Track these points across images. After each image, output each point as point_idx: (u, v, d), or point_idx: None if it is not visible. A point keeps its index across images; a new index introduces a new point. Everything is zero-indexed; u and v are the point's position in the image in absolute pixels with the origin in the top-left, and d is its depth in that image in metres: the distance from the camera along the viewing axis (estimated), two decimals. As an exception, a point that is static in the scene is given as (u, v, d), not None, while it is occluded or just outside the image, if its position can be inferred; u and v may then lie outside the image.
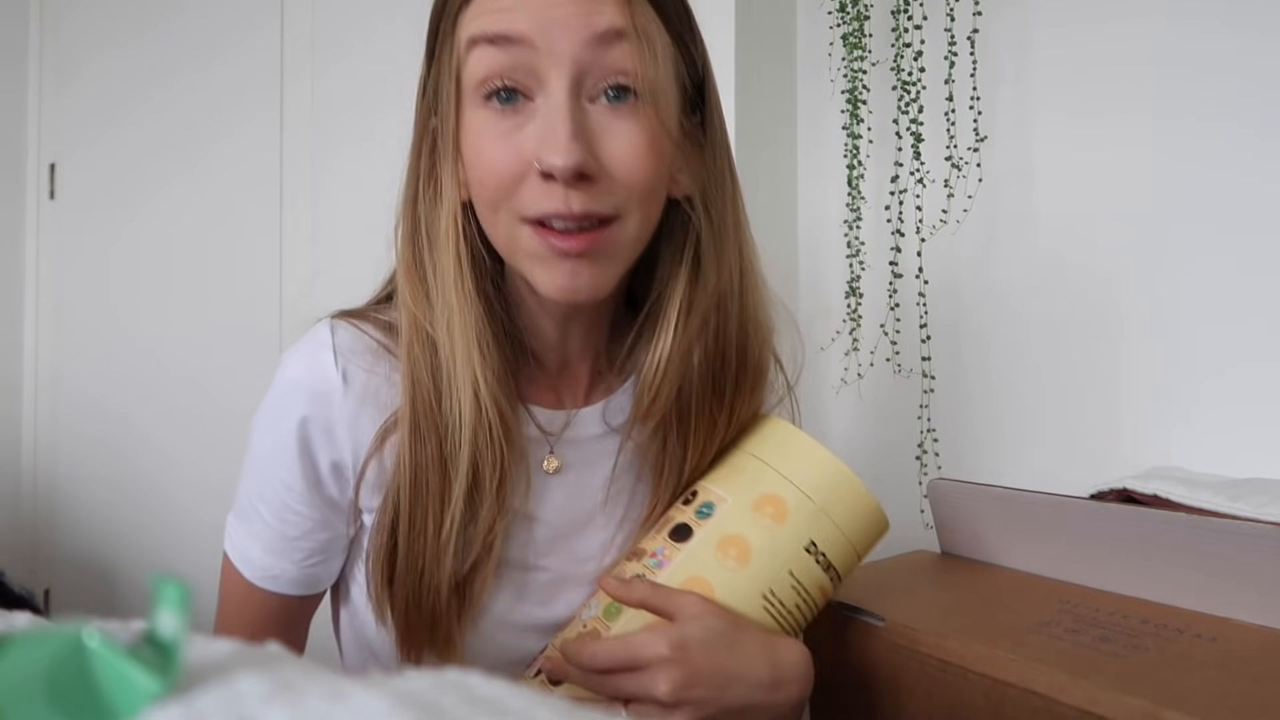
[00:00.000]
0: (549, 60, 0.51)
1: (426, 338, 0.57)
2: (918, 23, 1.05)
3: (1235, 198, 0.91)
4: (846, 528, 0.58)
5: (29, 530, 1.77)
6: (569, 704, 0.23)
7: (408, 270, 0.58)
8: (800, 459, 0.58)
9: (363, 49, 1.39)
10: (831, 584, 0.58)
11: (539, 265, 0.54)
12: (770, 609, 0.56)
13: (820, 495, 0.57)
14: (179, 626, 0.22)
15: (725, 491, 0.59)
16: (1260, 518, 0.65)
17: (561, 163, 0.50)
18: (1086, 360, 1.02)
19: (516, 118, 0.53)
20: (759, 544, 0.56)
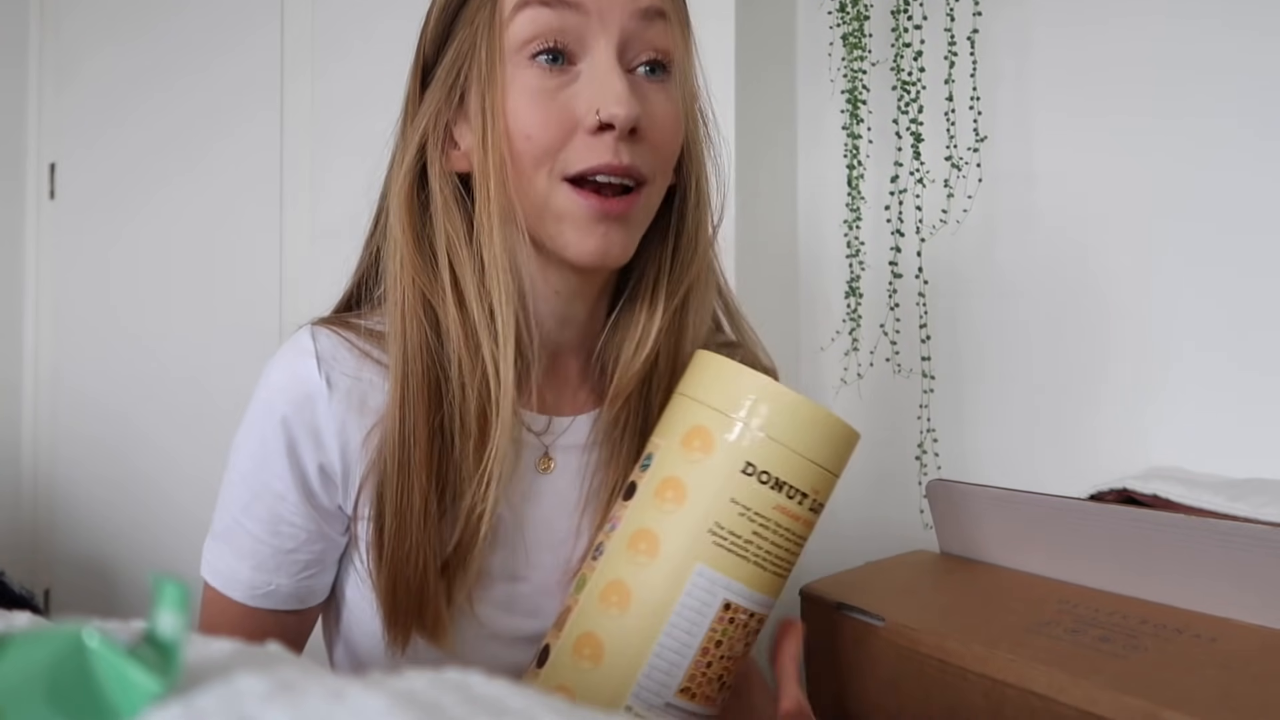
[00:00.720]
0: (599, 26, 0.54)
1: (430, 310, 0.57)
2: (918, 23, 1.05)
3: (1235, 198, 0.91)
4: (789, 441, 0.53)
5: (29, 530, 1.77)
6: (569, 704, 0.23)
7: (411, 247, 0.57)
8: (722, 384, 0.54)
9: (363, 49, 1.39)
10: (797, 504, 0.54)
11: (572, 227, 0.55)
12: (721, 542, 0.52)
13: (746, 414, 0.53)
14: (179, 626, 0.22)
15: (660, 438, 0.56)
16: (1260, 518, 0.65)
17: (625, 112, 0.53)
18: (1086, 360, 1.02)
19: (563, 77, 0.55)
20: (693, 480, 0.53)
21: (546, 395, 0.63)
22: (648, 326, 0.61)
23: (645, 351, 0.61)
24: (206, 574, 0.61)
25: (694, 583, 0.52)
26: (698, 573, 0.52)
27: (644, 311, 0.61)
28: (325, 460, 0.58)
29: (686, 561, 0.52)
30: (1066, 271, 1.03)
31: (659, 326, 0.61)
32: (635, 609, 0.53)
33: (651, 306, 0.61)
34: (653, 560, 0.53)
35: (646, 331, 0.61)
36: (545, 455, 0.63)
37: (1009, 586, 0.68)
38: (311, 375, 0.58)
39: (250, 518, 0.59)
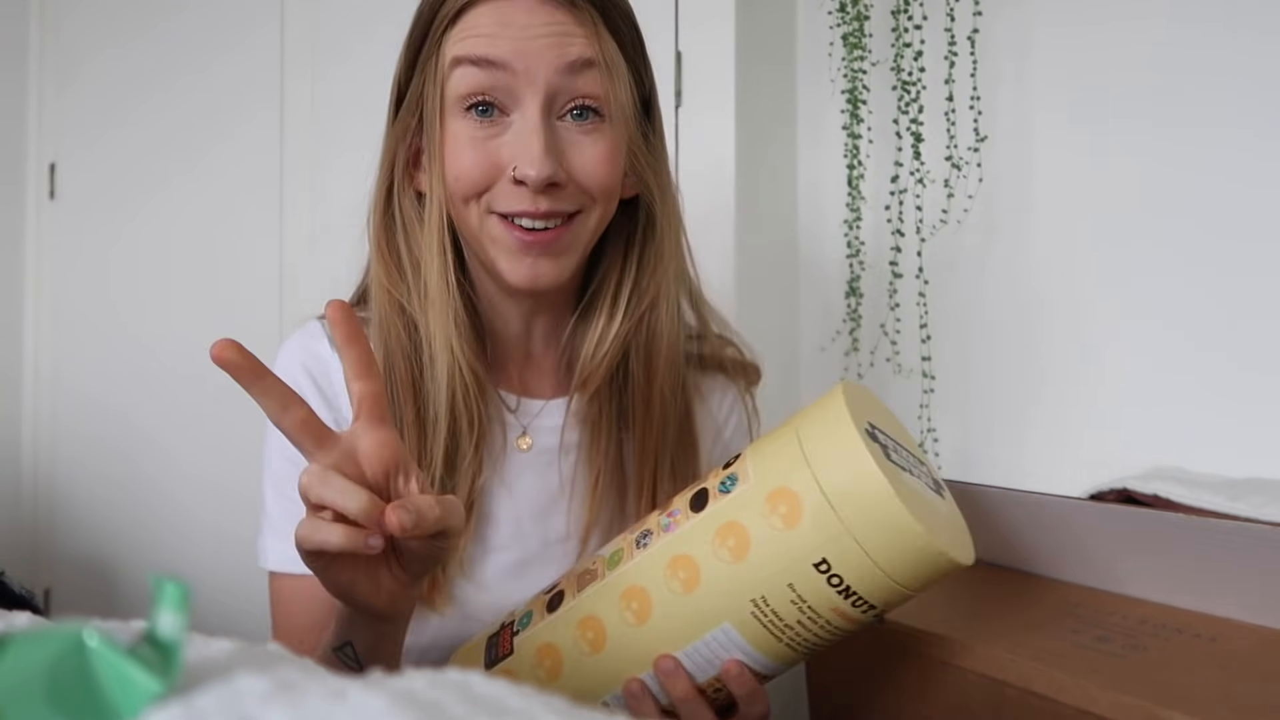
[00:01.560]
0: (525, 83, 0.59)
1: (402, 313, 0.64)
2: (918, 23, 1.05)
3: (1235, 200, 0.91)
4: (879, 557, 0.47)
5: (29, 530, 1.77)
6: (568, 703, 0.23)
7: (382, 255, 0.65)
8: (838, 457, 0.48)
9: (363, 50, 1.39)
10: (859, 611, 0.49)
11: (504, 255, 0.61)
12: (759, 616, 0.50)
13: (848, 510, 0.47)
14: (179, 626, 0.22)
15: (754, 468, 0.52)
16: (1260, 518, 0.65)
17: (535, 174, 0.58)
18: (1087, 360, 1.02)
19: (493, 128, 0.60)
20: (759, 543, 0.49)
21: (522, 380, 0.70)
22: (606, 330, 0.66)
23: (604, 351, 0.66)
24: (274, 565, 0.64)
25: (715, 636, 0.50)
26: (723, 630, 0.50)
27: (603, 316, 0.67)
28: (339, 419, 0.64)
29: (717, 615, 0.50)
30: (1066, 271, 1.03)
31: (618, 330, 0.66)
32: (649, 628, 0.51)
33: (611, 312, 0.67)
34: (685, 595, 0.50)
35: (605, 334, 0.66)
36: (524, 434, 0.68)
37: (1009, 586, 0.68)
38: (324, 350, 0.66)
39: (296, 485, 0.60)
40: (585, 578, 0.55)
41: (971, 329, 1.10)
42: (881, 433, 0.51)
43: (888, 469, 0.47)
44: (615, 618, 0.52)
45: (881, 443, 0.50)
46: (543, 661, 0.54)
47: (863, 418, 0.50)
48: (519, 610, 0.59)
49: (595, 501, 0.68)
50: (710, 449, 0.74)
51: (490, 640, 0.58)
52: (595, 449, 0.68)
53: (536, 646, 0.54)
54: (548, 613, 0.55)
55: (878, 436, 0.50)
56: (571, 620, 0.54)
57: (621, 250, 0.68)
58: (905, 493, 0.47)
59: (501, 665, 0.55)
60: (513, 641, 0.56)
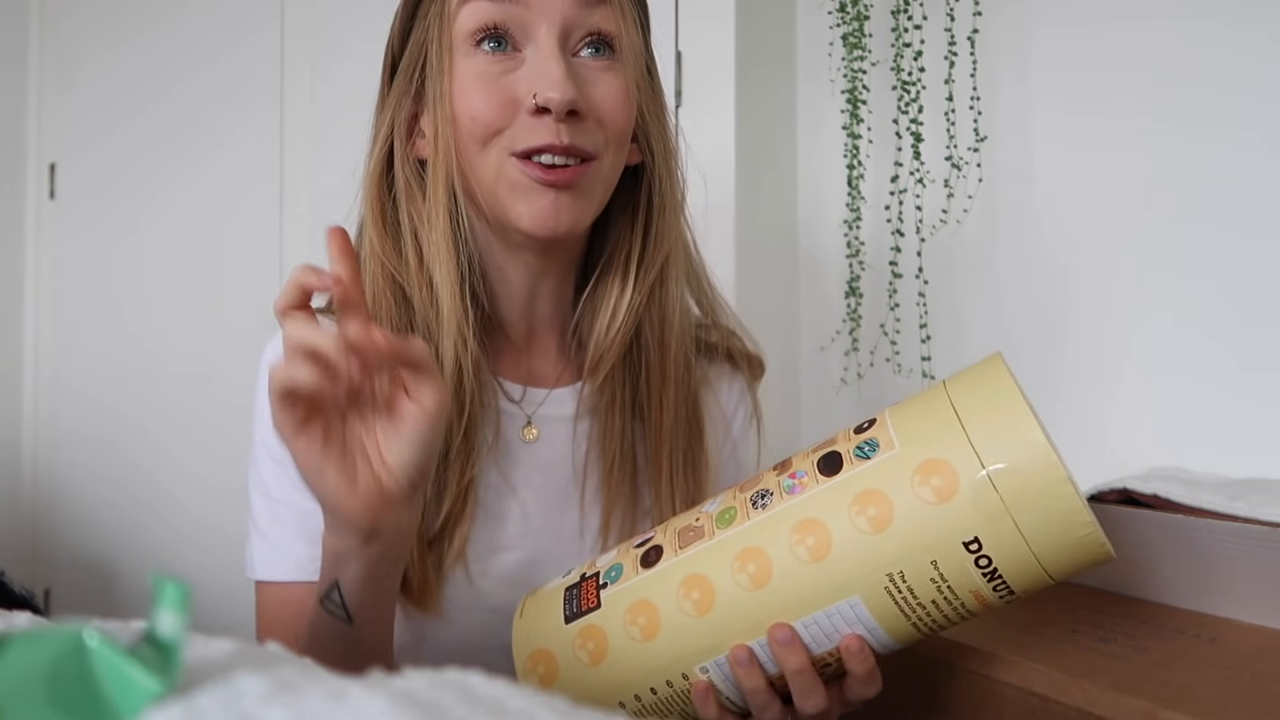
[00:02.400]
0: (538, 16, 0.57)
1: (393, 284, 0.61)
2: (918, 23, 1.05)
3: (1236, 200, 0.91)
4: (1036, 542, 0.44)
5: (29, 530, 1.77)
6: (568, 703, 0.23)
7: (378, 225, 0.62)
8: (1004, 431, 0.44)
9: (363, 49, 1.39)
10: (997, 596, 0.46)
11: (522, 197, 0.58)
12: (893, 592, 0.46)
13: (1011, 490, 0.43)
14: (179, 626, 0.22)
15: (900, 434, 0.47)
16: (1260, 518, 0.65)
17: (559, 96, 0.55)
18: (1086, 361, 1.02)
19: (507, 63, 0.58)
20: (905, 515, 0.45)
21: (525, 367, 0.67)
22: (619, 300, 0.64)
23: (619, 324, 0.63)
24: (259, 574, 0.61)
25: (839, 609, 0.47)
26: (850, 603, 0.47)
27: (615, 286, 0.64)
28: None
29: (846, 588, 0.46)
30: (1066, 271, 1.03)
31: (630, 302, 0.63)
32: (766, 594, 0.48)
33: (624, 281, 0.64)
34: (811, 564, 0.47)
35: (619, 305, 0.63)
36: (528, 424, 0.65)
37: (1009, 586, 0.68)
38: None
39: (296, 490, 0.60)
40: (688, 534, 0.51)
41: (971, 329, 1.10)
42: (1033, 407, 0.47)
43: (1055, 449, 0.44)
44: (727, 580, 0.48)
45: (1038, 417, 0.46)
46: (636, 619, 0.50)
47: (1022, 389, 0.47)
48: (601, 561, 0.54)
49: (610, 494, 0.64)
50: (719, 440, 0.71)
51: (570, 592, 0.53)
52: (609, 437, 0.65)
53: (630, 603, 0.50)
54: (643, 567, 0.51)
55: (1035, 411, 0.46)
56: (673, 578, 0.49)
57: (628, 221, 0.65)
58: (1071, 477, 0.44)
59: (586, 619, 0.51)
60: (599, 595, 0.52)
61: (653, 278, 0.64)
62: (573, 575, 0.55)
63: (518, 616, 0.55)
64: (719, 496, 0.53)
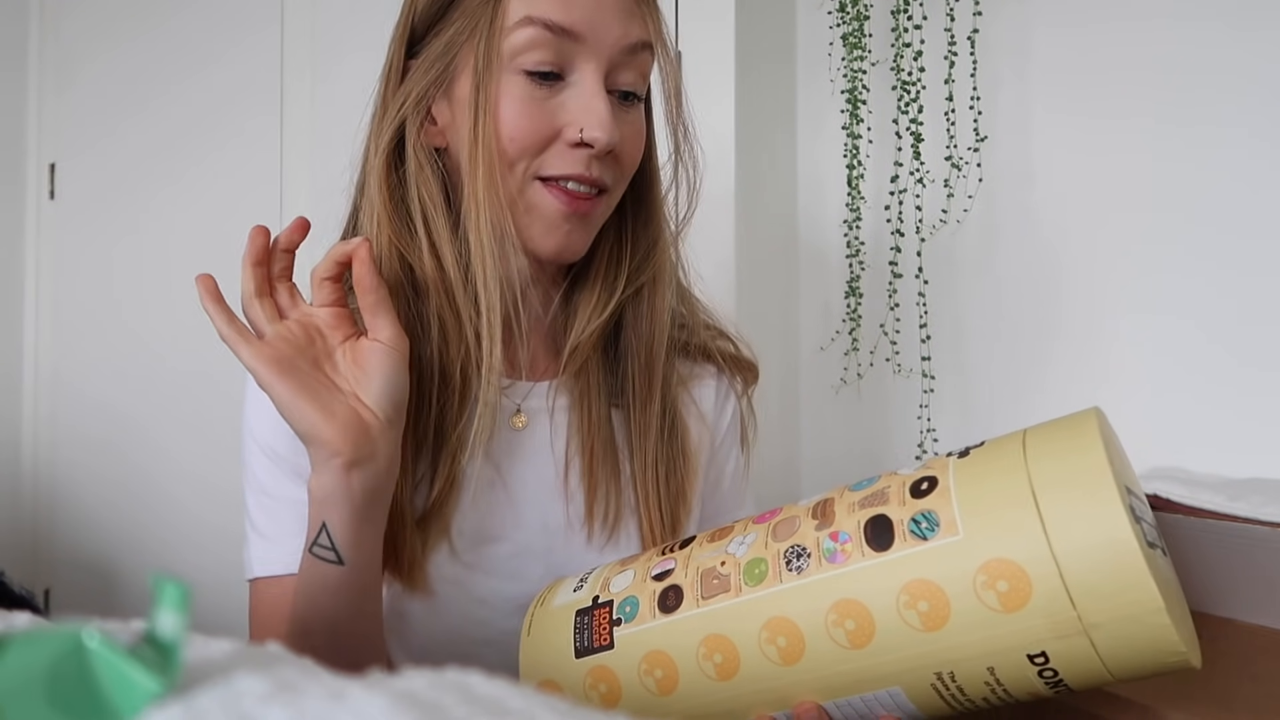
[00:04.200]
0: (590, 52, 0.59)
1: (409, 273, 0.61)
2: (918, 23, 1.05)
3: (1236, 200, 0.91)
4: (1112, 660, 0.38)
5: (29, 530, 1.77)
6: (569, 704, 0.23)
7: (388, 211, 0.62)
8: (1089, 532, 0.37)
9: (363, 50, 1.39)
10: (1053, 693, 0.42)
11: (541, 222, 0.60)
12: (940, 689, 0.42)
13: (1093, 609, 0.37)
14: (179, 626, 0.22)
15: (965, 514, 0.41)
16: (1260, 518, 0.65)
17: (605, 138, 0.58)
18: (1086, 360, 1.02)
19: (550, 89, 0.59)
20: (960, 619, 0.39)
21: (512, 358, 0.67)
22: (599, 299, 0.66)
23: (599, 321, 0.65)
24: (256, 570, 0.62)
25: (877, 696, 0.43)
26: (891, 693, 0.42)
27: (601, 291, 0.66)
28: None
29: (887, 680, 0.42)
30: (1066, 271, 1.03)
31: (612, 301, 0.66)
32: (797, 670, 0.44)
33: (605, 280, 0.66)
34: (851, 649, 0.42)
35: (600, 307, 0.66)
36: (518, 412, 0.66)
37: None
38: None
39: (287, 483, 0.61)
40: (712, 582, 0.47)
41: (971, 329, 1.10)
42: (1129, 491, 0.40)
43: (1151, 561, 0.37)
44: (754, 649, 0.44)
45: (1137, 514, 0.39)
46: (653, 670, 0.47)
47: (1121, 479, 0.39)
48: (616, 586, 0.51)
49: (592, 483, 0.65)
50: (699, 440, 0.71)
51: (581, 619, 0.50)
52: (588, 426, 0.66)
53: (647, 650, 0.47)
54: (661, 612, 0.48)
55: (1134, 506, 0.39)
56: (695, 632, 0.46)
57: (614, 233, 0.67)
58: (1166, 593, 0.37)
59: (599, 658, 0.48)
60: (612, 633, 0.48)
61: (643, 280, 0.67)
62: (583, 594, 0.52)
63: (525, 633, 0.53)
64: (747, 534, 0.48)
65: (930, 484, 0.43)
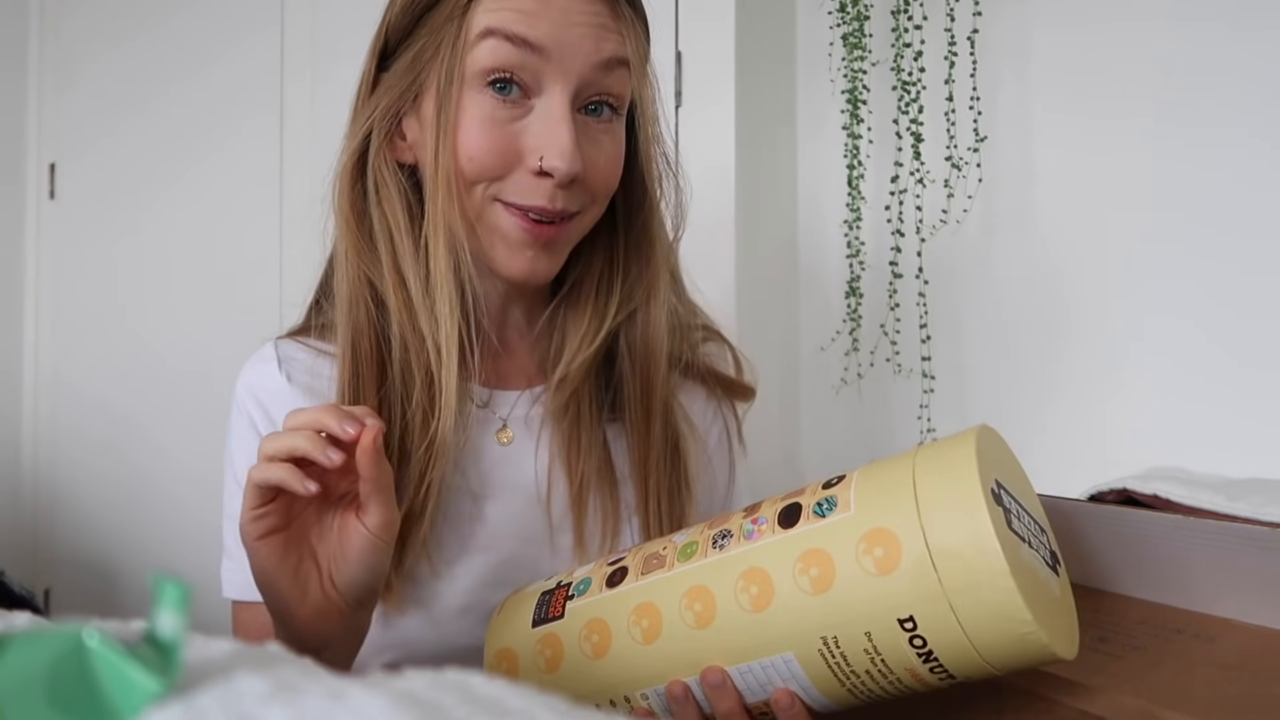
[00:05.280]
0: (558, 71, 0.56)
1: (370, 288, 0.60)
2: (918, 23, 1.05)
3: (1236, 199, 0.91)
4: (974, 631, 0.43)
5: (29, 530, 1.77)
6: (568, 703, 0.23)
7: (350, 226, 0.61)
8: (954, 513, 0.43)
9: (363, 50, 1.39)
10: (935, 677, 0.46)
11: (503, 244, 0.59)
12: (826, 655, 0.46)
13: (952, 575, 0.42)
14: (179, 626, 0.22)
15: (858, 497, 0.47)
16: (1259, 518, 0.65)
17: (566, 168, 0.55)
18: (1086, 361, 1.02)
19: (515, 110, 0.57)
20: (845, 581, 0.45)
21: (493, 370, 0.66)
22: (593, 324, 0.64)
23: (592, 348, 0.63)
24: (233, 594, 0.63)
25: (774, 662, 0.47)
26: (785, 659, 0.47)
27: (589, 306, 0.64)
28: None
29: (781, 643, 0.47)
30: (1066, 271, 1.03)
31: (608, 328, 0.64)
32: (707, 635, 0.48)
33: (602, 313, 0.64)
34: (752, 613, 0.47)
35: (590, 335, 0.64)
36: (504, 427, 0.65)
37: (1009, 586, 0.68)
38: (272, 373, 0.64)
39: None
40: (652, 561, 0.52)
41: (971, 329, 1.10)
42: (1008, 493, 0.46)
43: (1007, 540, 0.42)
44: (674, 615, 0.49)
45: (1005, 506, 0.45)
46: (590, 636, 0.52)
47: (991, 473, 0.45)
48: (579, 573, 0.56)
49: (582, 502, 0.64)
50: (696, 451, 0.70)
51: (544, 597, 0.55)
52: (573, 446, 0.64)
53: (588, 619, 0.52)
54: (607, 586, 0.53)
55: (1003, 498, 0.45)
56: (629, 602, 0.51)
57: (606, 245, 0.65)
58: (1021, 571, 0.42)
59: (549, 627, 0.53)
60: (565, 606, 0.54)
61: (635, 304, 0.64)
62: (552, 581, 0.57)
63: (496, 611, 0.57)
64: (692, 529, 0.54)
65: (838, 480, 0.50)
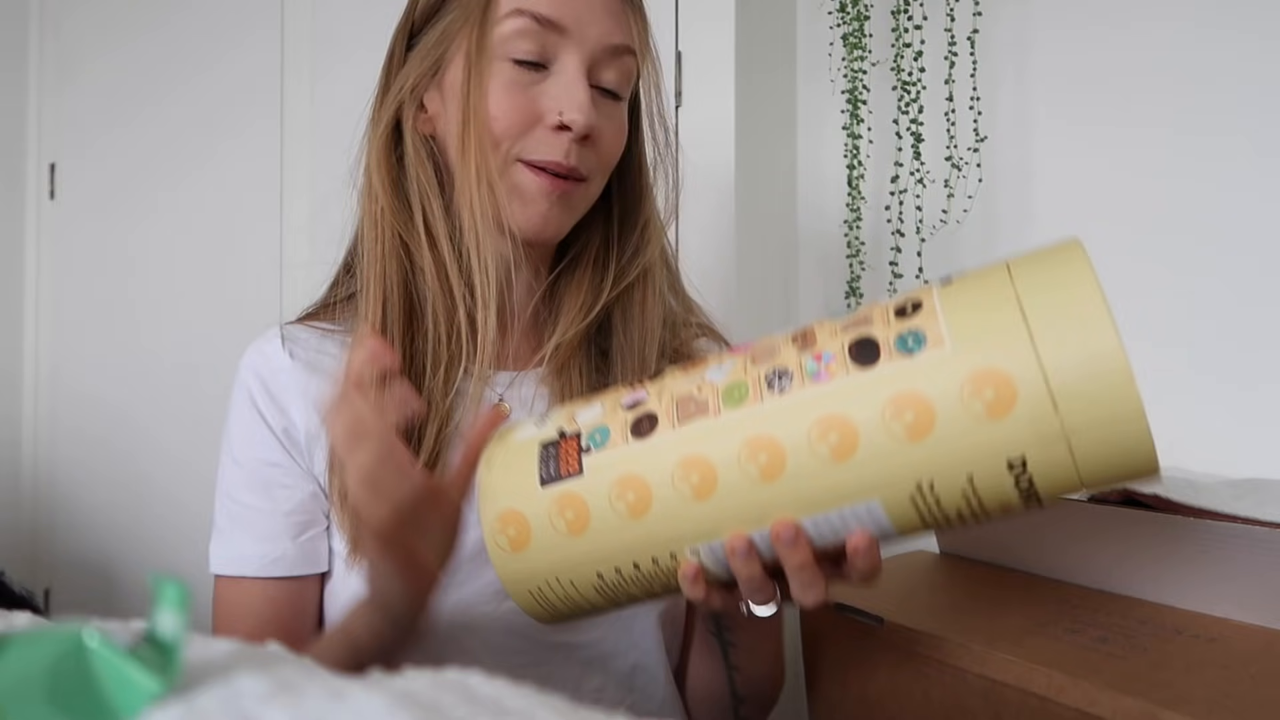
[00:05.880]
0: (573, 45, 0.62)
1: (407, 255, 0.64)
2: (918, 23, 1.05)
3: (1237, 199, 0.91)
4: (1086, 463, 0.39)
5: (29, 530, 1.77)
6: (569, 703, 0.23)
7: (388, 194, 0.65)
8: (1075, 335, 0.39)
9: (363, 49, 1.39)
10: (1023, 507, 0.43)
11: (520, 199, 0.63)
12: (918, 500, 0.42)
13: (1073, 410, 0.38)
14: (179, 626, 0.22)
15: (952, 329, 0.41)
16: (1260, 518, 0.65)
17: (584, 120, 0.61)
18: (1086, 360, 1.02)
19: (534, 75, 0.62)
20: (945, 427, 0.40)
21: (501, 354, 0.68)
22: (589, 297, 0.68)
23: (585, 321, 0.67)
24: (216, 568, 0.65)
25: (854, 510, 0.43)
26: (868, 506, 0.43)
27: (587, 292, 0.68)
28: (289, 424, 0.64)
29: (867, 492, 0.42)
30: (1066, 272, 1.03)
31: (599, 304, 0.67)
32: (776, 487, 0.43)
33: (597, 289, 0.68)
34: (833, 462, 0.42)
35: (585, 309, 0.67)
36: (500, 402, 0.67)
37: (1008, 587, 0.68)
38: (276, 351, 0.66)
39: (248, 492, 0.64)
40: (689, 406, 0.46)
41: (971, 329, 1.10)
42: None
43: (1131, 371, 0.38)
44: (733, 467, 0.44)
45: (1117, 328, 0.40)
46: (624, 495, 0.46)
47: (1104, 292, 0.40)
48: (583, 418, 0.49)
49: None
50: None
51: (547, 450, 0.49)
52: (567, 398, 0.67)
53: (619, 475, 0.46)
54: (634, 436, 0.46)
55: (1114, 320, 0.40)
56: (670, 455, 0.45)
57: (603, 222, 0.70)
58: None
59: (566, 485, 0.47)
60: (581, 460, 0.47)
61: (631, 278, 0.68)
62: (548, 429, 0.50)
63: (483, 466, 0.50)
64: (724, 363, 0.47)
65: (915, 307, 0.43)
